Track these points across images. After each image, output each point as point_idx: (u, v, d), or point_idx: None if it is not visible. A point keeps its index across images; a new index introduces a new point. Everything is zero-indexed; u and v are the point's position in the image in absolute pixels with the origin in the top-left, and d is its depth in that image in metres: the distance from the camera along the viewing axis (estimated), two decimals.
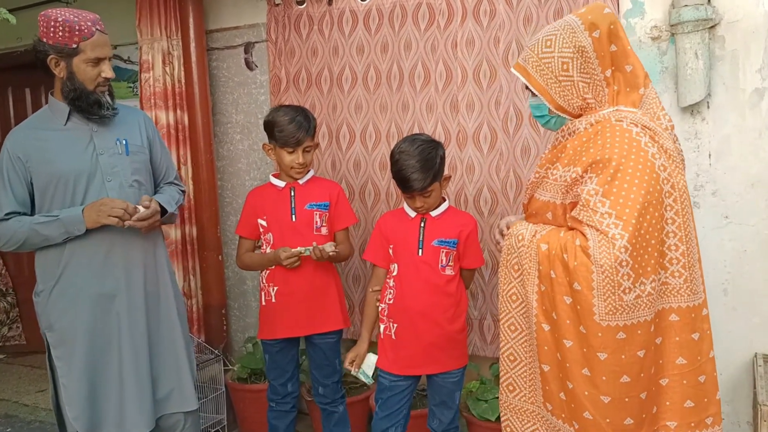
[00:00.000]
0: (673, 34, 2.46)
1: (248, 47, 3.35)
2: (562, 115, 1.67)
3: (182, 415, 2.26)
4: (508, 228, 1.77)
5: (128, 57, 3.72)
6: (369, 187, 3.09)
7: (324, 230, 2.51)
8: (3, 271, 4.55)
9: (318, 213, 2.51)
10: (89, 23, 2.02)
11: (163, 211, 2.19)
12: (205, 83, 3.28)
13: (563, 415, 1.61)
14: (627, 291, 1.46)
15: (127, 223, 2.04)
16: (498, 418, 2.54)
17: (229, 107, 3.46)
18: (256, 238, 2.58)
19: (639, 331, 1.49)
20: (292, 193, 2.51)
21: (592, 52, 1.59)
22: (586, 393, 1.53)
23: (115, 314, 2.12)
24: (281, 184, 2.54)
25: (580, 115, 1.66)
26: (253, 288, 3.54)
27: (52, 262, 2.10)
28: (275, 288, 2.49)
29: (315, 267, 2.47)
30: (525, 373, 1.72)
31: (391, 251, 2.31)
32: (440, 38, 2.87)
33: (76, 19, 2.00)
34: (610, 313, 1.46)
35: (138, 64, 3.37)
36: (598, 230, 1.47)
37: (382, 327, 2.30)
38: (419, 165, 2.13)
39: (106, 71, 2.07)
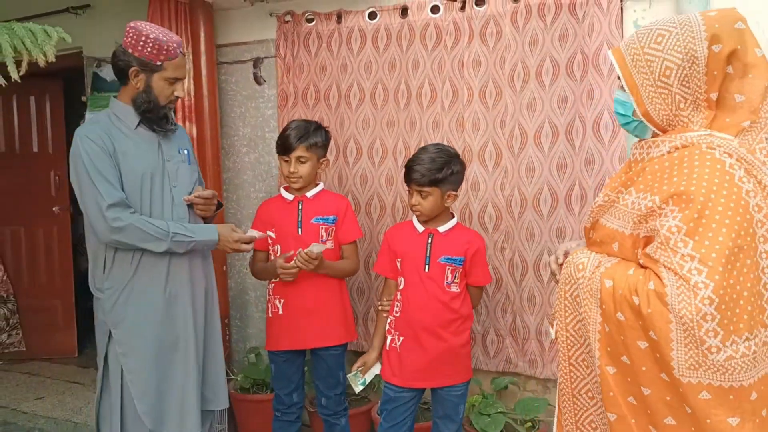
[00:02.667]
0: None
1: (257, 62, 3.41)
2: (646, 122, 1.46)
3: (216, 412, 2.39)
4: (566, 255, 1.60)
5: None
6: (375, 202, 3.14)
7: (329, 244, 2.55)
8: (4, 278, 4.56)
9: (324, 227, 2.56)
10: (175, 45, 2.15)
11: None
12: (214, 96, 3.33)
13: None
14: (713, 350, 1.25)
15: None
16: None
17: (237, 120, 3.51)
18: (266, 249, 2.62)
19: (731, 396, 1.27)
20: (300, 207, 2.56)
21: (703, 67, 1.37)
22: None
23: (182, 314, 2.21)
24: (290, 196, 2.59)
25: (666, 130, 1.44)
26: (255, 299, 3.57)
27: (125, 261, 2.16)
28: (282, 300, 2.53)
29: (321, 280, 2.51)
30: (602, 415, 1.50)
31: (399, 264, 2.36)
32: (447, 58, 2.93)
33: (165, 39, 2.12)
34: (692, 368, 1.27)
35: None
36: (677, 274, 1.27)
37: (388, 339, 2.35)
38: (428, 161, 2.24)
39: (179, 91, 2.21)
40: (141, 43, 2.10)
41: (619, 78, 1.47)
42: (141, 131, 2.20)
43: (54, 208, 4.56)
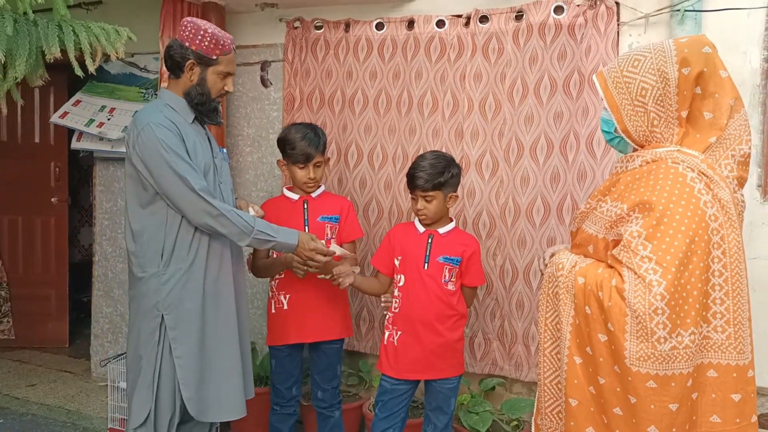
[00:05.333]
0: None
1: (265, 65, 3.52)
2: (626, 139, 1.63)
3: None
4: (551, 257, 1.77)
5: (144, 66, 3.86)
6: (373, 205, 3.25)
7: (333, 242, 2.66)
8: None
9: (329, 225, 2.66)
10: (229, 41, 2.21)
11: None
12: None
13: None
14: (662, 340, 1.41)
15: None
16: (488, 431, 2.71)
17: (241, 121, 3.62)
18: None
19: (673, 384, 1.43)
20: (305, 206, 2.66)
21: (674, 87, 1.53)
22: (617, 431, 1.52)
23: (226, 304, 2.25)
24: (295, 196, 2.69)
25: (643, 145, 1.61)
26: (251, 295, 3.65)
27: (183, 248, 2.17)
28: (288, 296, 2.62)
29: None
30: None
31: (397, 262, 2.48)
32: (450, 70, 3.06)
33: (220, 34, 2.18)
34: (641, 359, 1.43)
35: (154, 73, 3.51)
36: (636, 273, 1.44)
37: (386, 334, 2.47)
38: (429, 167, 2.36)
39: (229, 85, 2.26)
40: (199, 37, 2.14)
41: (602, 99, 1.64)
42: (195, 125, 2.25)
43: (53, 199, 4.62)
